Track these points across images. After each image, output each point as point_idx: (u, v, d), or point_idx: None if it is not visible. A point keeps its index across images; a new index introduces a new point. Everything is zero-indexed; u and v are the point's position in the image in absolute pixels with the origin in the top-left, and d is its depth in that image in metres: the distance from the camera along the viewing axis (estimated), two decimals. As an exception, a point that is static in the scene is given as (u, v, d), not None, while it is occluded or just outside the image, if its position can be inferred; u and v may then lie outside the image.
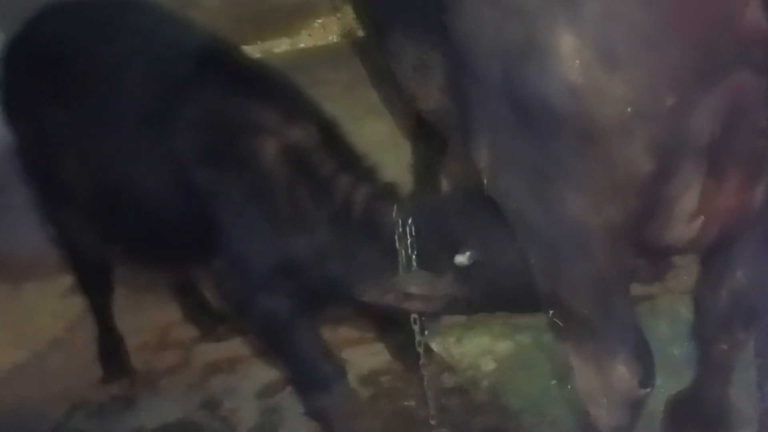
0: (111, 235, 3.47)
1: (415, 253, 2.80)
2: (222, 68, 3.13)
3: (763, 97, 1.83)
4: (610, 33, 1.80)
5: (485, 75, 2.00)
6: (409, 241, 2.79)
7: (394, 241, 2.82)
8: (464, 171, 2.30)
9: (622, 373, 2.26)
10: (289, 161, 2.94)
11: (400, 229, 2.80)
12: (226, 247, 3.05)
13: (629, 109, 1.82)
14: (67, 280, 4.16)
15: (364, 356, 3.78)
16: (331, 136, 3.01)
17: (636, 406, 2.37)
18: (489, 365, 3.64)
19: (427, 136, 3.86)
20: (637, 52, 1.80)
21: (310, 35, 5.26)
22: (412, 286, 2.81)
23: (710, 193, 2.04)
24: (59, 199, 3.53)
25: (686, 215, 2.08)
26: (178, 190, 3.08)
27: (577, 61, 1.81)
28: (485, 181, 2.22)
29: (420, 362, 3.06)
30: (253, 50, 5.04)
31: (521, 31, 1.87)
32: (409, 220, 2.80)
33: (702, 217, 2.09)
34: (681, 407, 2.86)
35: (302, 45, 5.23)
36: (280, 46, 5.24)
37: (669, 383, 2.99)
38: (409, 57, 2.56)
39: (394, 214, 2.83)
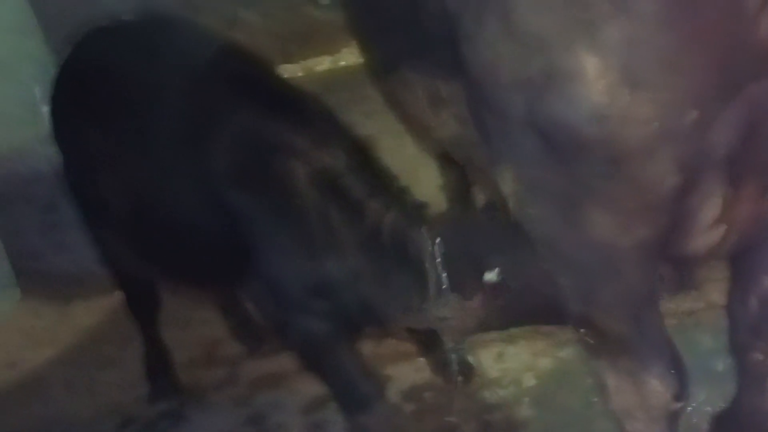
0: (150, 254, 3.52)
1: (445, 274, 2.81)
2: (257, 91, 3.16)
3: None
4: (631, 55, 1.80)
5: (506, 108, 2.00)
6: (438, 261, 2.80)
7: (424, 264, 2.84)
8: (493, 188, 2.29)
9: (656, 386, 2.27)
10: (320, 185, 2.96)
11: (429, 251, 2.81)
12: (260, 269, 3.08)
13: (653, 128, 1.83)
14: (116, 297, 4.22)
15: (406, 372, 3.78)
16: (362, 159, 3.03)
17: (673, 420, 2.37)
18: (530, 381, 3.63)
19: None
20: (658, 73, 1.81)
21: (350, 52, 5.27)
22: (444, 311, 2.82)
23: (731, 201, 2.05)
24: (103, 218, 3.58)
25: (708, 224, 2.09)
26: (213, 212, 3.12)
27: (602, 85, 1.82)
28: (511, 208, 2.22)
29: (457, 380, 3.06)
30: (295, 69, 5.09)
31: (541, 61, 1.88)
32: (437, 241, 2.81)
33: (723, 225, 2.09)
34: (723, 421, 2.82)
35: (343, 63, 5.26)
36: (322, 63, 5.28)
37: (713, 397, 2.98)
38: (420, 90, 2.53)
39: (422, 235, 2.84)
